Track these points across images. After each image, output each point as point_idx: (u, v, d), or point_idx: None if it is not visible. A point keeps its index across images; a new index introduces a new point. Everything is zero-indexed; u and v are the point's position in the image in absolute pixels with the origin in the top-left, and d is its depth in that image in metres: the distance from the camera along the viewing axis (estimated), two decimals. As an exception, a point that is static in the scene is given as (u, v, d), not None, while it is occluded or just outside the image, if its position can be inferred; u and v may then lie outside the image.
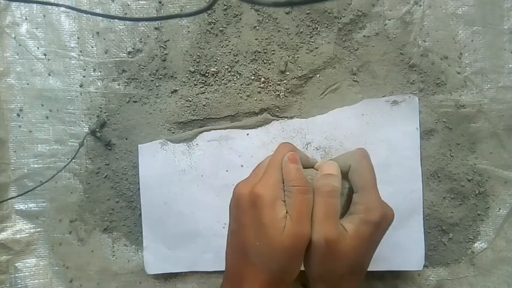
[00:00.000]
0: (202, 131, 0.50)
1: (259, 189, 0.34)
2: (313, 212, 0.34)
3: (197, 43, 0.50)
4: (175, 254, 0.51)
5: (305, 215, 0.34)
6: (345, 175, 0.39)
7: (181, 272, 0.52)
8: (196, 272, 0.52)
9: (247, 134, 0.50)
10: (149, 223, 0.51)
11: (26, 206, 0.52)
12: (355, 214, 0.36)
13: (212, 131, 0.50)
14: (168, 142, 0.50)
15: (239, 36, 0.50)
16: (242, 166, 0.50)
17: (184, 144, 0.50)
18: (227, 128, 0.50)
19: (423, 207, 0.49)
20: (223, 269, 0.41)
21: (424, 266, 0.51)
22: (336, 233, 0.33)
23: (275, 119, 0.50)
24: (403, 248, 0.48)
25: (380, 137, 0.49)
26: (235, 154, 0.50)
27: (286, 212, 0.34)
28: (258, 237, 0.34)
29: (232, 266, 0.37)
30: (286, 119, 0.50)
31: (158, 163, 0.50)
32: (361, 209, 0.35)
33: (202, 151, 0.50)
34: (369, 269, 0.47)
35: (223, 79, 0.50)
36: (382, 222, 0.35)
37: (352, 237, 0.34)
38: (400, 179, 0.48)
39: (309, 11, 0.49)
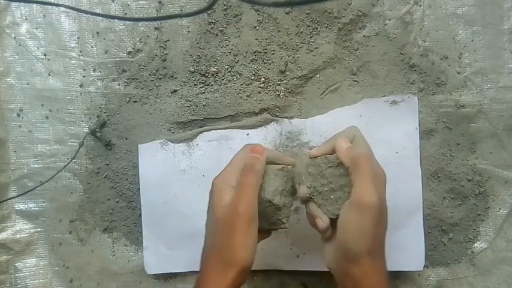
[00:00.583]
0: (202, 131, 0.50)
1: (215, 180, 0.38)
2: (361, 176, 0.36)
3: (197, 43, 0.50)
4: (175, 254, 0.51)
5: (245, 193, 0.36)
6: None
7: (181, 272, 0.52)
8: (196, 272, 0.52)
9: (247, 134, 0.50)
10: (149, 223, 0.51)
11: (26, 206, 0.52)
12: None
13: (212, 131, 0.50)
14: (168, 142, 0.50)
15: (239, 36, 0.50)
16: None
17: (184, 144, 0.50)
18: (227, 128, 0.50)
19: (423, 207, 0.49)
20: None
21: (424, 266, 0.51)
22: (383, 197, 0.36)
23: (275, 119, 0.50)
24: (403, 249, 0.48)
25: (379, 137, 0.49)
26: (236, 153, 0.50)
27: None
28: (209, 220, 0.38)
29: (200, 259, 0.39)
30: (285, 119, 0.50)
31: (158, 163, 0.50)
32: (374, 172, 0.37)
33: (202, 151, 0.50)
34: None
35: (223, 79, 0.50)
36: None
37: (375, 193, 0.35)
38: (399, 179, 0.48)
39: (309, 11, 0.49)
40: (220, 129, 0.50)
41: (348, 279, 0.36)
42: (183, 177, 0.50)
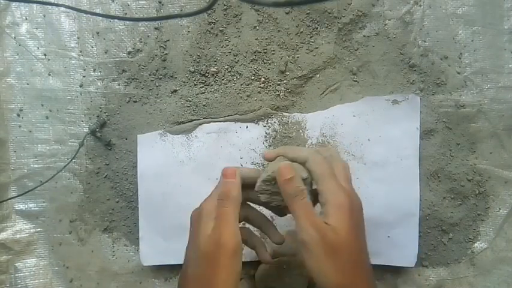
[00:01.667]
0: (202, 123, 0.50)
1: (201, 206, 0.38)
2: (295, 217, 0.35)
3: (197, 43, 0.50)
4: (171, 246, 0.51)
5: (225, 224, 0.35)
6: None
7: (177, 264, 0.52)
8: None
9: (247, 127, 0.50)
10: (146, 214, 0.51)
11: (26, 206, 0.52)
12: (326, 203, 0.36)
13: (212, 123, 0.50)
14: (167, 133, 0.50)
15: (239, 36, 0.50)
16: (241, 158, 0.50)
17: (184, 135, 0.50)
18: (227, 120, 0.50)
19: (420, 207, 0.49)
20: None
21: (424, 266, 0.51)
22: (324, 226, 0.34)
23: (274, 113, 0.50)
24: (397, 245, 0.48)
25: (379, 136, 0.49)
26: (235, 146, 0.50)
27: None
28: (191, 248, 0.37)
29: (179, 284, 0.38)
30: (285, 113, 0.50)
31: (157, 154, 0.50)
32: (326, 198, 0.36)
33: (201, 143, 0.50)
34: None
35: (223, 79, 0.50)
36: (351, 204, 0.35)
37: (339, 227, 0.34)
38: (397, 178, 0.48)
39: (309, 11, 0.49)
40: (220, 121, 0.50)
41: None
42: (181, 169, 0.50)
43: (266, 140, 0.50)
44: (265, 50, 0.50)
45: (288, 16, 0.49)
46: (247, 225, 0.44)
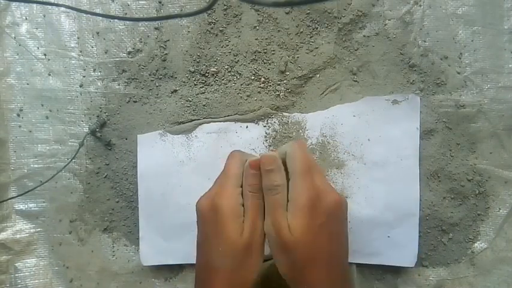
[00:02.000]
0: (202, 123, 0.50)
1: (218, 200, 0.37)
2: (265, 208, 0.38)
3: (197, 43, 0.50)
4: (172, 246, 0.51)
5: (258, 216, 0.38)
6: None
7: (181, 271, 0.52)
8: (193, 265, 0.52)
9: (247, 127, 0.50)
10: (146, 214, 0.51)
11: (26, 206, 0.52)
12: (290, 201, 0.37)
13: (211, 123, 0.50)
14: (167, 133, 0.51)
15: (239, 36, 0.50)
16: None
17: (183, 135, 0.50)
18: (227, 120, 0.50)
19: (420, 207, 0.49)
20: None
21: (424, 266, 0.51)
22: (282, 225, 0.36)
23: (274, 113, 0.50)
24: (397, 245, 0.48)
25: (379, 136, 0.49)
26: (235, 146, 0.50)
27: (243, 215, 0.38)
28: (220, 243, 0.37)
29: (200, 278, 0.39)
30: (285, 113, 0.50)
31: (157, 154, 0.50)
32: (291, 196, 0.37)
33: (201, 143, 0.50)
34: (363, 262, 0.49)
35: (223, 79, 0.50)
36: (317, 204, 0.36)
37: (295, 227, 0.35)
38: (397, 178, 0.48)
39: (309, 11, 0.49)
40: (220, 121, 0.50)
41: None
42: (181, 169, 0.50)
43: (266, 140, 0.50)
44: (265, 50, 0.50)
45: (288, 16, 0.49)
46: None
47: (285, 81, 0.50)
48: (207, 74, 0.50)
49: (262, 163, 0.38)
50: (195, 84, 0.51)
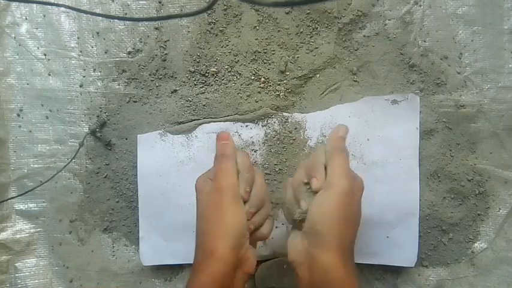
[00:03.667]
0: (202, 123, 0.50)
1: (220, 180, 0.40)
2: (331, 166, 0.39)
3: (197, 43, 0.50)
4: (171, 246, 0.51)
5: (223, 173, 0.40)
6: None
7: (181, 271, 0.52)
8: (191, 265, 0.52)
9: (247, 127, 0.50)
10: (146, 214, 0.51)
11: (26, 206, 0.52)
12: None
13: (212, 123, 0.50)
14: (168, 133, 0.50)
15: (239, 36, 0.50)
16: None
17: (184, 135, 0.50)
18: (227, 120, 0.50)
19: (420, 207, 0.49)
20: None
21: (424, 266, 0.51)
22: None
23: (275, 113, 0.50)
24: (397, 245, 0.48)
25: (379, 136, 0.49)
26: (236, 146, 0.50)
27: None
28: (225, 215, 0.39)
29: (204, 240, 0.40)
30: (286, 113, 0.50)
31: (157, 154, 0.50)
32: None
33: (201, 143, 0.50)
34: (363, 262, 0.49)
35: (223, 79, 0.50)
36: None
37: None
38: (397, 178, 0.48)
39: (309, 11, 0.49)
40: (220, 121, 0.50)
41: (315, 269, 0.36)
42: (181, 169, 0.50)
43: (266, 140, 0.50)
44: (265, 50, 0.50)
45: (288, 16, 0.49)
46: None
47: (285, 81, 0.50)
48: (207, 74, 0.50)
49: (338, 130, 0.42)
50: (195, 84, 0.51)
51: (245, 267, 0.38)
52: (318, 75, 0.50)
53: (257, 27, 0.49)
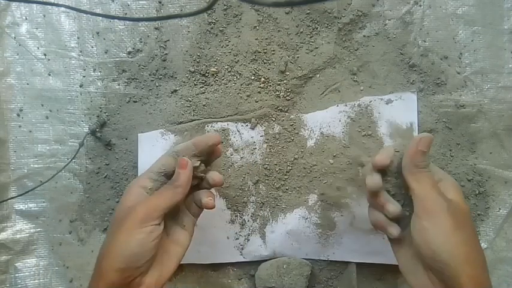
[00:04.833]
0: (202, 123, 0.50)
1: (146, 202, 0.38)
2: (416, 186, 0.36)
3: (197, 43, 0.50)
4: None
5: (160, 197, 0.39)
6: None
7: (181, 271, 0.52)
8: (196, 270, 0.52)
9: (247, 127, 0.50)
10: None
11: (26, 206, 0.52)
12: (442, 181, 0.38)
13: (213, 122, 0.50)
14: (169, 132, 0.50)
15: (239, 36, 0.50)
16: (241, 158, 0.50)
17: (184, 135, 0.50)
18: (227, 120, 0.50)
19: None
20: (219, 262, 0.40)
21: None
22: (448, 199, 0.36)
23: (275, 113, 0.50)
24: None
25: (377, 135, 0.49)
26: (235, 146, 0.50)
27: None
28: (124, 238, 0.37)
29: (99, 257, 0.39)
30: (286, 113, 0.50)
31: (158, 152, 0.50)
32: (442, 175, 0.39)
33: None
34: (363, 261, 0.50)
35: (223, 79, 0.50)
36: None
37: (457, 201, 0.36)
38: None
39: (309, 11, 0.49)
40: (220, 121, 0.50)
41: None
42: None
43: (266, 140, 0.50)
44: (265, 50, 0.50)
45: (288, 16, 0.49)
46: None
47: (285, 81, 0.50)
48: (207, 74, 0.50)
49: (420, 143, 0.37)
50: (195, 84, 0.51)
51: None
52: (318, 75, 0.50)
53: (257, 27, 0.49)
